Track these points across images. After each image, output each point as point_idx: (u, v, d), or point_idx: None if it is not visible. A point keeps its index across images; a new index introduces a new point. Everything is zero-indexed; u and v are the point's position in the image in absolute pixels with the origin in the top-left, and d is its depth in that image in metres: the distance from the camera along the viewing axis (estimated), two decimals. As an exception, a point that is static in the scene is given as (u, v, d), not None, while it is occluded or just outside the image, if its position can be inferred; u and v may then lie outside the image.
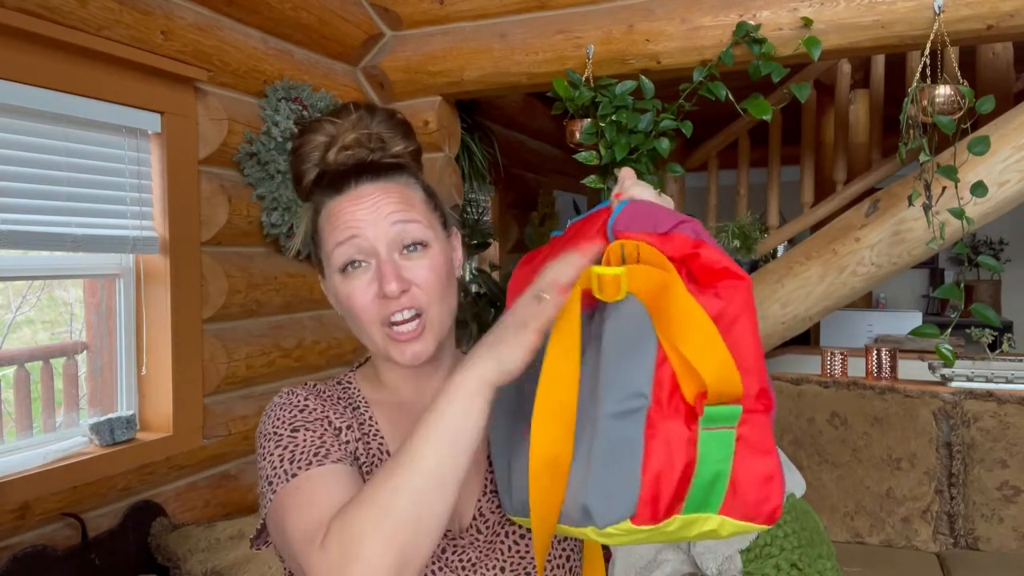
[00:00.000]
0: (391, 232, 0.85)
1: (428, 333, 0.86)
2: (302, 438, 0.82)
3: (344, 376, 0.96)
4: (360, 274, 0.85)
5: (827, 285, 2.82)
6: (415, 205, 0.88)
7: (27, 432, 2.06)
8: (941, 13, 2.30)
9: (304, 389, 0.90)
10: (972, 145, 2.33)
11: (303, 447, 0.81)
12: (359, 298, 0.85)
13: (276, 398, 0.89)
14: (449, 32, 2.88)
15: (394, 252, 0.85)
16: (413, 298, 0.85)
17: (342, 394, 0.93)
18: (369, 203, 0.86)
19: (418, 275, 0.86)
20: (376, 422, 0.90)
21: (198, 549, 2.01)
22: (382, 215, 0.85)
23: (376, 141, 0.90)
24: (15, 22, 1.74)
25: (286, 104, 2.47)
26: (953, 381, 3.12)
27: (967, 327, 3.80)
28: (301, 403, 0.87)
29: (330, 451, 0.80)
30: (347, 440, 0.86)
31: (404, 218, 0.86)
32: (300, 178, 0.91)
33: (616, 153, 2.60)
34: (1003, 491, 2.76)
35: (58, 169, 1.94)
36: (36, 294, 3.13)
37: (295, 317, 2.72)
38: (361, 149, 0.89)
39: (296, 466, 0.79)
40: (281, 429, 0.83)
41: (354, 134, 0.89)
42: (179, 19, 2.16)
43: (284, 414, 0.85)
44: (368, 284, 0.85)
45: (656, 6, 2.63)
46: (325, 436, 0.83)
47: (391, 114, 0.92)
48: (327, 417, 0.86)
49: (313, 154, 0.90)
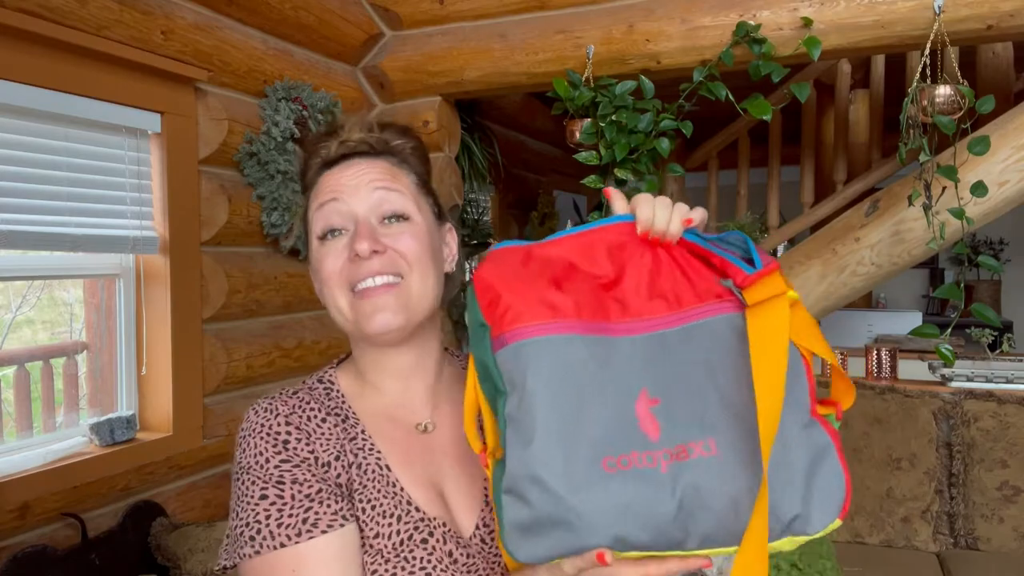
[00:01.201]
0: (372, 198, 0.84)
1: (401, 301, 0.82)
2: (289, 492, 0.77)
3: (326, 374, 0.90)
4: (337, 241, 0.84)
5: (827, 285, 2.82)
6: (400, 180, 0.87)
7: (27, 432, 2.06)
8: (941, 13, 2.30)
9: (283, 404, 0.83)
10: (972, 145, 2.32)
11: (291, 507, 0.76)
12: (329, 262, 0.83)
13: (252, 415, 0.82)
14: (449, 32, 2.88)
15: (372, 217, 0.84)
16: (391, 261, 0.82)
17: (326, 401, 0.86)
18: (353, 171, 0.86)
19: (399, 241, 0.83)
20: (369, 436, 0.85)
21: (198, 549, 2.01)
22: (364, 181, 0.84)
23: (380, 143, 0.90)
24: (15, 22, 1.74)
25: (286, 104, 2.47)
26: (953, 381, 3.12)
27: (967, 327, 3.80)
28: (283, 432, 0.80)
29: (320, 516, 0.76)
30: (337, 473, 0.81)
31: (386, 186, 0.85)
32: (305, 172, 0.92)
33: (616, 153, 2.60)
34: (1003, 491, 2.76)
35: (58, 169, 1.94)
36: (36, 294, 3.13)
37: (295, 317, 2.72)
38: (363, 145, 0.89)
39: (285, 533, 0.75)
40: (265, 473, 0.78)
41: (360, 134, 0.89)
42: (179, 19, 2.16)
43: (266, 446, 0.79)
44: (342, 248, 0.83)
45: (656, 6, 2.63)
46: (313, 490, 0.78)
47: (404, 127, 0.93)
48: (312, 454, 0.80)
49: (322, 150, 0.90)
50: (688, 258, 0.70)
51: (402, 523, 0.80)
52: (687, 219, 0.70)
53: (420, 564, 0.78)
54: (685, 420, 0.65)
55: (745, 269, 0.67)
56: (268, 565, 0.75)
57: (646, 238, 0.70)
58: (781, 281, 0.65)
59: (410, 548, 0.78)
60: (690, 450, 0.64)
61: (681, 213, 0.70)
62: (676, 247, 0.71)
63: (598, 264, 0.70)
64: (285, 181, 2.45)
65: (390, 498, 0.81)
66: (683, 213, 0.70)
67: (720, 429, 0.64)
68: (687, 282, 0.69)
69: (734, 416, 0.65)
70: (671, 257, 0.70)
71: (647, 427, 0.64)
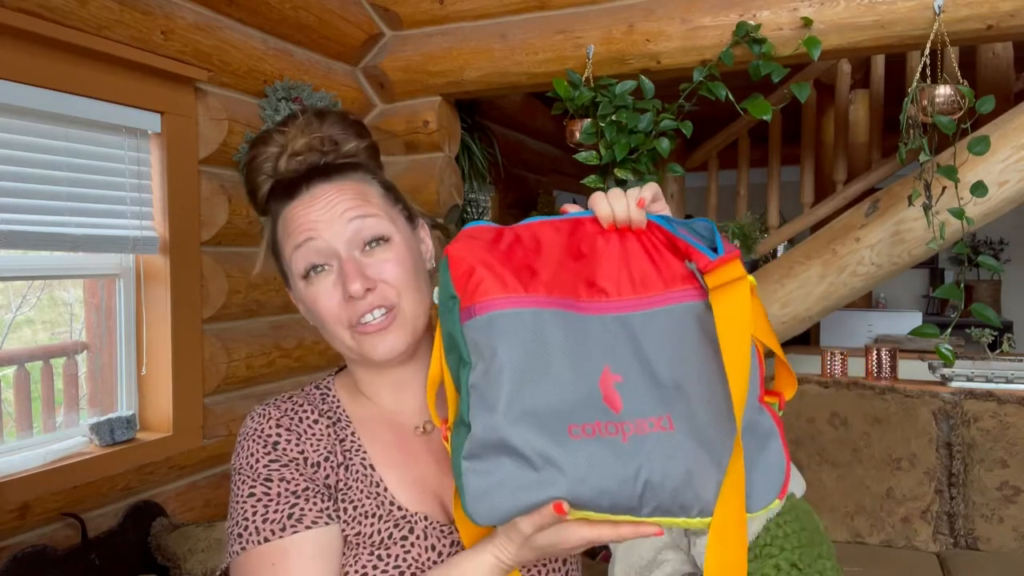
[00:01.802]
0: (348, 229, 0.83)
1: (400, 326, 0.84)
2: (276, 489, 0.79)
3: (324, 381, 0.93)
4: (323, 278, 0.83)
5: (827, 285, 2.82)
6: (371, 200, 0.85)
7: (27, 432, 2.06)
8: (941, 13, 2.30)
9: (277, 409, 0.85)
10: (972, 145, 2.32)
11: (277, 503, 0.78)
12: (324, 302, 0.83)
13: (248, 421, 0.85)
14: (449, 32, 2.88)
15: (354, 250, 0.83)
16: (382, 296, 0.83)
17: (321, 404, 0.89)
18: (322, 203, 0.83)
19: (384, 270, 0.83)
20: (358, 438, 0.87)
21: (198, 549, 2.01)
22: (337, 213, 0.83)
23: (328, 143, 0.88)
24: (15, 22, 1.74)
25: (286, 104, 2.47)
26: (953, 381, 3.12)
27: (967, 327, 3.80)
28: (273, 435, 0.83)
29: (305, 512, 0.78)
30: (326, 474, 0.83)
31: (360, 213, 0.83)
32: (255, 191, 0.90)
33: (616, 153, 2.60)
34: (1003, 491, 2.76)
35: (58, 169, 1.94)
36: (36, 294, 3.13)
37: (295, 317, 2.72)
38: (312, 153, 0.87)
39: (269, 528, 0.77)
40: (255, 472, 0.81)
41: (303, 139, 0.87)
42: (179, 19, 2.16)
43: (257, 448, 0.82)
44: (333, 287, 0.83)
45: (656, 6, 2.63)
46: (299, 487, 0.80)
47: (343, 115, 0.91)
48: (302, 452, 0.83)
49: (265, 165, 0.88)
50: (656, 244, 0.73)
51: (382, 522, 0.82)
52: (639, 199, 0.72)
53: (395, 562, 0.79)
54: (645, 397, 0.68)
55: (708, 255, 0.69)
56: (252, 560, 0.77)
57: (614, 229, 0.74)
58: (741, 267, 0.68)
59: (387, 546, 0.80)
60: (650, 424, 0.68)
61: (634, 197, 0.72)
62: (645, 232, 0.73)
63: (569, 247, 0.73)
64: (285, 181, 2.45)
65: (372, 498, 0.83)
66: (634, 195, 0.72)
67: (678, 407, 0.68)
68: (654, 268, 0.72)
69: (692, 396, 0.69)
70: (640, 243, 0.73)
71: (610, 401, 0.68)
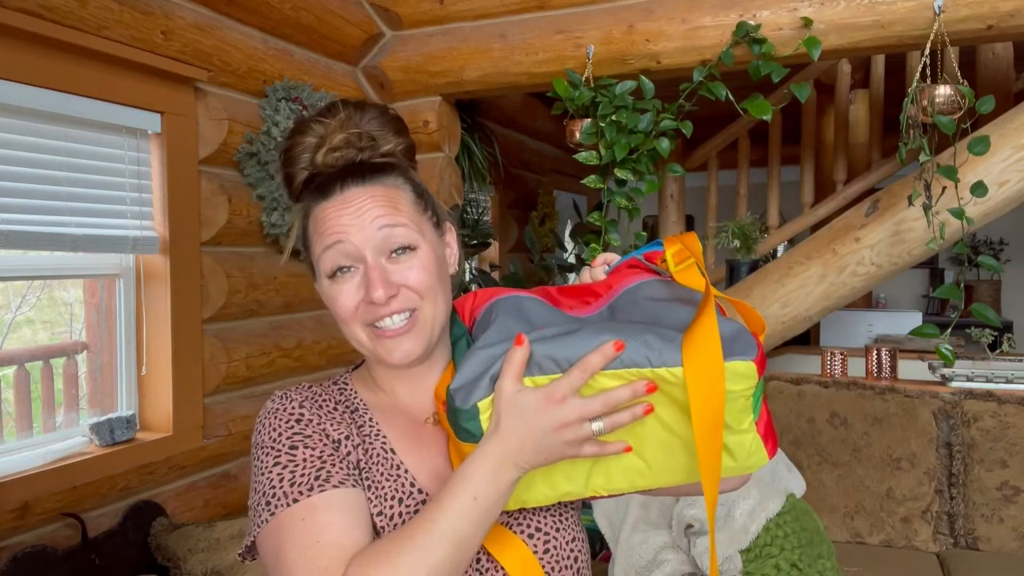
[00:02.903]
0: (377, 236, 0.84)
1: (419, 331, 0.86)
2: (301, 456, 0.81)
3: (341, 377, 0.96)
4: (348, 279, 0.85)
5: (827, 285, 2.82)
6: (402, 208, 0.86)
7: (27, 432, 2.06)
8: (941, 13, 2.30)
9: (298, 393, 0.88)
10: (972, 145, 2.32)
11: (303, 467, 0.80)
12: (345, 301, 0.85)
13: (269, 403, 0.87)
14: (449, 32, 2.88)
15: (381, 257, 0.85)
16: (404, 300, 0.85)
17: (339, 396, 0.92)
18: (354, 208, 0.85)
19: (408, 276, 0.85)
20: (376, 423, 0.90)
21: (198, 549, 2.01)
22: (367, 220, 0.84)
23: (366, 139, 0.88)
24: (15, 22, 1.74)
25: (286, 104, 2.47)
26: (953, 381, 3.12)
27: (967, 327, 3.79)
28: (296, 412, 0.85)
29: (331, 473, 0.80)
30: (347, 451, 0.85)
31: (390, 222, 0.85)
32: (291, 180, 0.90)
33: (616, 153, 2.60)
34: (1003, 491, 2.76)
35: (58, 169, 1.94)
36: (36, 294, 3.13)
37: (295, 317, 2.72)
38: (350, 149, 0.88)
39: (297, 490, 0.78)
40: (279, 443, 0.82)
41: (342, 134, 0.87)
42: (179, 19, 2.16)
43: (280, 423, 0.84)
44: (355, 289, 0.85)
45: (656, 6, 2.63)
46: (324, 453, 0.82)
47: (383, 110, 0.91)
48: (324, 430, 0.85)
49: (303, 156, 0.88)
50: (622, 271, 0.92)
51: (403, 504, 0.84)
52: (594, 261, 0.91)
53: None
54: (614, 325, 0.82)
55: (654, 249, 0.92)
56: (281, 523, 0.77)
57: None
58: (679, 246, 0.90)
59: None
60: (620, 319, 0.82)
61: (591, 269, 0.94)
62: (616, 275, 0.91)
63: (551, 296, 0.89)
64: (285, 181, 2.44)
65: (393, 480, 0.86)
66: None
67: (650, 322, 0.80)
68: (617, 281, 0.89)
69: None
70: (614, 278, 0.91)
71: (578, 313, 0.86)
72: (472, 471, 0.74)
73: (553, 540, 0.89)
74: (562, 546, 0.89)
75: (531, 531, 0.88)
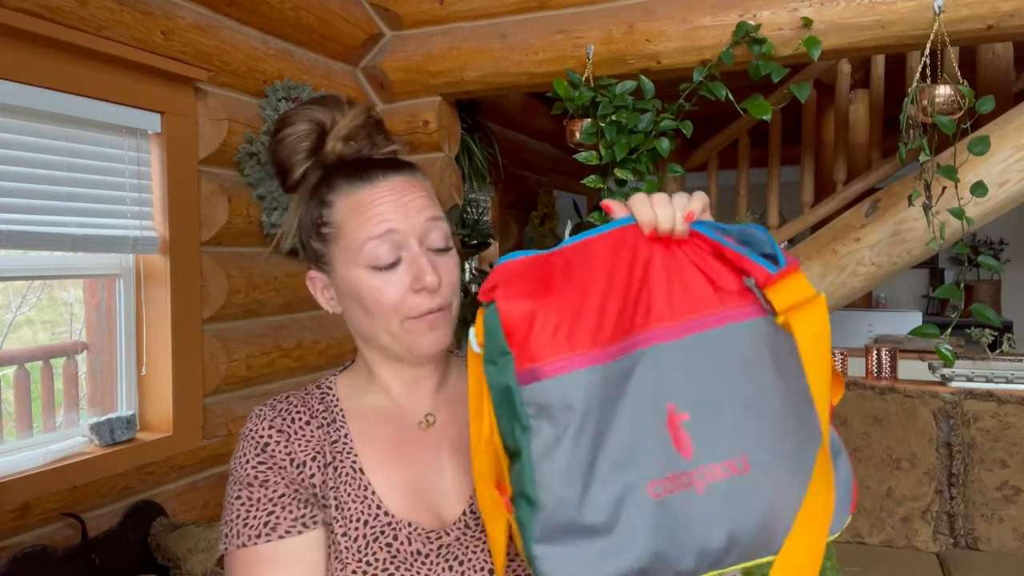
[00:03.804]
0: (424, 228, 0.83)
1: (448, 326, 0.86)
2: (256, 495, 0.82)
3: (326, 381, 0.93)
4: (393, 268, 0.83)
5: (827, 285, 2.82)
6: (437, 205, 0.87)
7: (27, 432, 2.06)
8: (941, 13, 2.30)
9: (272, 409, 0.86)
10: (972, 145, 2.32)
11: (256, 508, 0.81)
12: (389, 292, 0.82)
13: (247, 423, 0.87)
14: (449, 32, 2.88)
15: (425, 247, 0.84)
16: (442, 294, 0.84)
17: (318, 405, 0.89)
18: (398, 195, 0.83)
19: (446, 272, 0.85)
20: (351, 439, 0.87)
21: (198, 549, 2.01)
22: (415, 209, 0.83)
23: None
24: (15, 22, 1.74)
25: (286, 104, 2.47)
26: (953, 381, 3.12)
27: (967, 327, 3.79)
28: (264, 437, 0.84)
29: (279, 521, 0.80)
30: (311, 473, 0.84)
31: (435, 215, 0.85)
32: (288, 169, 0.88)
33: (616, 153, 2.60)
34: (1003, 491, 2.76)
35: (58, 169, 1.94)
36: (36, 294, 3.12)
37: (295, 317, 2.72)
38: (365, 141, 0.88)
39: (247, 533, 0.80)
40: (243, 475, 0.83)
41: (354, 123, 0.87)
42: (179, 19, 2.16)
43: (248, 450, 0.84)
44: (399, 278, 0.82)
45: (656, 6, 2.63)
46: (276, 494, 0.82)
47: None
48: (289, 455, 0.84)
49: (301, 145, 0.86)
50: (702, 255, 0.67)
51: (368, 527, 0.82)
52: (688, 212, 0.67)
53: (383, 565, 0.81)
54: (715, 436, 0.64)
55: (766, 266, 0.63)
56: (234, 560, 0.81)
57: (655, 237, 0.67)
58: (805, 280, 0.63)
59: (374, 551, 0.81)
60: (724, 469, 0.64)
61: (681, 206, 0.67)
62: (689, 242, 0.67)
63: (616, 268, 0.66)
64: (285, 181, 2.45)
65: (359, 502, 0.84)
66: (683, 206, 0.68)
67: (751, 443, 0.64)
68: (707, 283, 0.66)
69: (763, 424, 0.64)
70: (686, 255, 0.67)
71: (680, 446, 0.63)
72: None
73: None
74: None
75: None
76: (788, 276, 0.63)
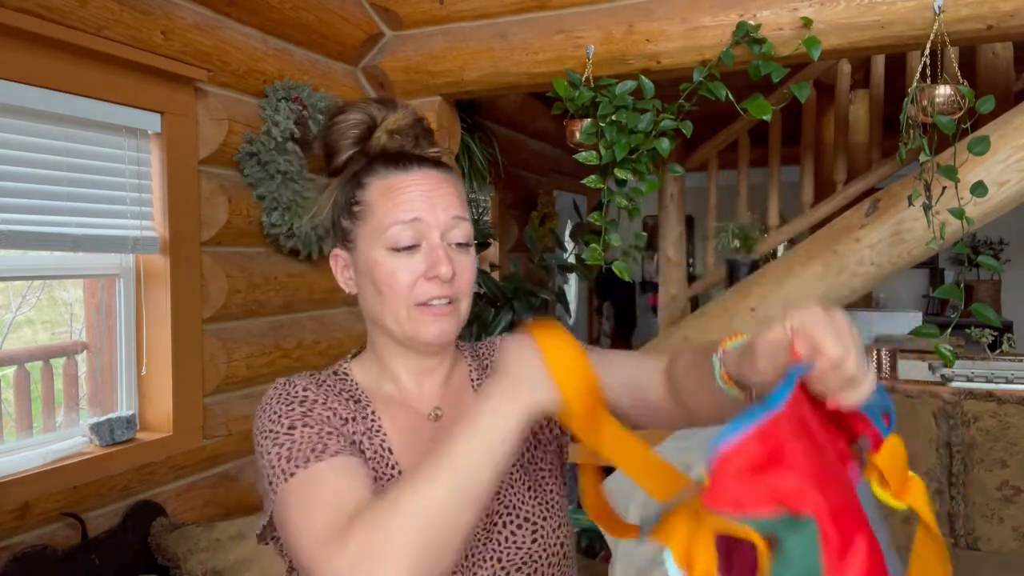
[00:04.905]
0: (448, 223, 0.89)
1: (455, 319, 0.89)
2: (299, 435, 0.81)
3: (340, 367, 0.96)
4: (411, 253, 0.88)
5: (827, 285, 2.82)
6: (465, 204, 0.92)
7: (27, 432, 2.06)
8: (941, 13, 2.30)
9: (301, 379, 0.89)
10: (972, 145, 2.32)
11: (300, 444, 0.80)
12: (402, 276, 0.87)
13: (271, 390, 0.88)
14: (449, 32, 2.88)
15: (445, 241, 0.89)
16: (453, 287, 0.88)
17: (342, 386, 0.93)
18: (432, 189, 0.89)
19: (461, 269, 0.89)
20: (379, 418, 0.90)
21: (198, 549, 2.01)
22: (442, 205, 0.88)
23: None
24: (15, 22, 1.74)
25: (286, 104, 2.47)
26: (953, 381, 3.12)
27: (967, 327, 3.79)
28: (300, 394, 0.86)
29: (327, 445, 0.80)
30: (353, 432, 0.87)
31: (461, 214, 0.90)
32: (335, 152, 0.93)
33: (616, 153, 2.60)
34: (1003, 491, 2.76)
35: (58, 169, 1.94)
36: (36, 294, 3.13)
37: (295, 317, 2.72)
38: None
39: (294, 464, 0.78)
40: (277, 426, 0.83)
41: (402, 121, 0.93)
42: (179, 19, 2.16)
43: (281, 407, 0.84)
44: (415, 264, 0.87)
45: (656, 6, 2.63)
46: (323, 430, 0.82)
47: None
48: (330, 408, 0.86)
49: (351, 132, 0.92)
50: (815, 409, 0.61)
51: None
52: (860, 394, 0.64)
53: None
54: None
55: (880, 428, 0.61)
56: (288, 495, 0.77)
57: (802, 393, 0.60)
58: (902, 447, 0.61)
59: None
60: None
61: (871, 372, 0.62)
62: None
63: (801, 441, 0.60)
64: (285, 181, 2.45)
65: (387, 480, 0.87)
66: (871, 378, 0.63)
67: None
68: (832, 447, 0.62)
69: None
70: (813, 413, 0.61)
71: None
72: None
73: (541, 529, 0.90)
74: (549, 534, 0.90)
75: (520, 521, 0.89)
76: (889, 441, 0.62)
